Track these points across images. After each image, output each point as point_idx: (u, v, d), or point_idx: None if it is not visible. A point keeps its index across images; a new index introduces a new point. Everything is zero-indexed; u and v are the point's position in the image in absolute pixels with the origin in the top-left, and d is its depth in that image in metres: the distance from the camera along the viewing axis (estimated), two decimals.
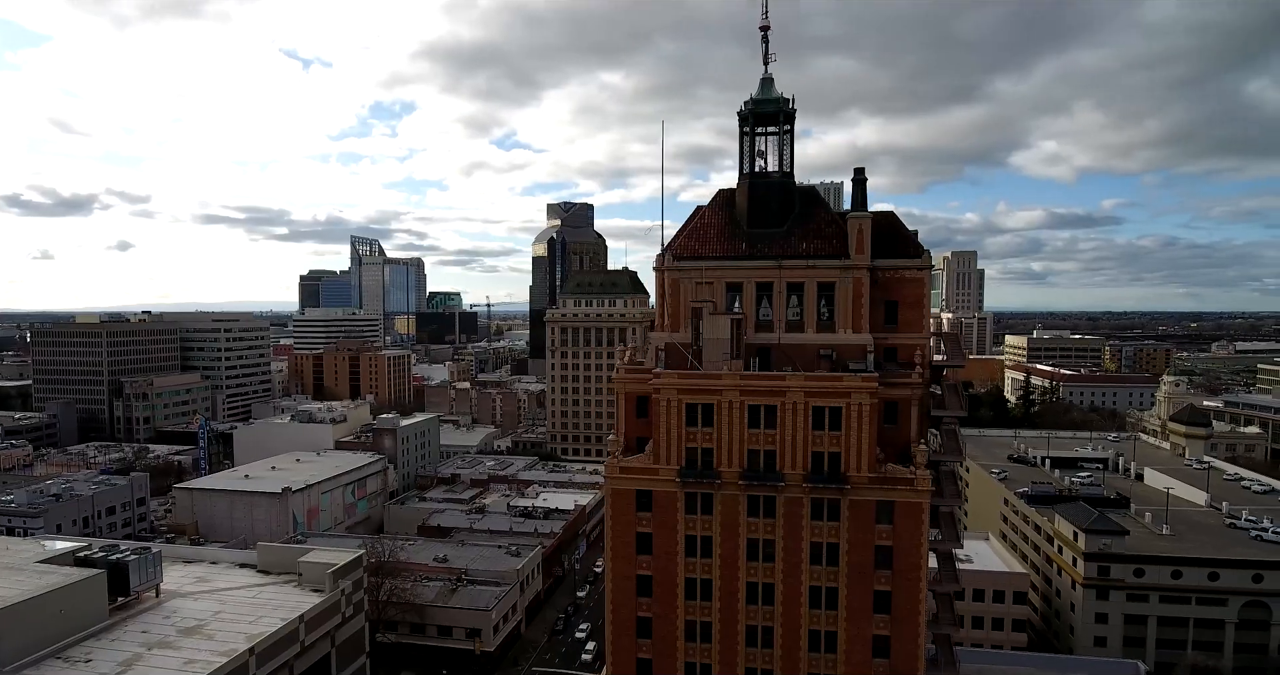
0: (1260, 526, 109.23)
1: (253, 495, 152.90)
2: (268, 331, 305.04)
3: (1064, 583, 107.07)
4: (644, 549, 61.19)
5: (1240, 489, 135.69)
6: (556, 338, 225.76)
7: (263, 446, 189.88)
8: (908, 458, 58.94)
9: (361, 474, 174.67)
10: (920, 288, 60.81)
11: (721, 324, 59.94)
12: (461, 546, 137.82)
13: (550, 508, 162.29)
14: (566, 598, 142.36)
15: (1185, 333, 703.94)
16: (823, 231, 61.57)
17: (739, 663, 60.15)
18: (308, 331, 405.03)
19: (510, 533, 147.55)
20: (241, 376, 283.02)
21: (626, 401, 64.14)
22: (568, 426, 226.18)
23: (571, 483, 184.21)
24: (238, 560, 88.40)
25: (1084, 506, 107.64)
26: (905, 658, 57.87)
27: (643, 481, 60.88)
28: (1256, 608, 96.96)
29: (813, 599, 59.01)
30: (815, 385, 57.85)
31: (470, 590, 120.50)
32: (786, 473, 58.62)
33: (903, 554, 57.55)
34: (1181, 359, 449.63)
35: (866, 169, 60.02)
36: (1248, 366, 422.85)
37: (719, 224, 63.77)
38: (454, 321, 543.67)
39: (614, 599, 61.71)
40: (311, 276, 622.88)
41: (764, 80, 64.45)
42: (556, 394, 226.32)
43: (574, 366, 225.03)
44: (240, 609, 74.43)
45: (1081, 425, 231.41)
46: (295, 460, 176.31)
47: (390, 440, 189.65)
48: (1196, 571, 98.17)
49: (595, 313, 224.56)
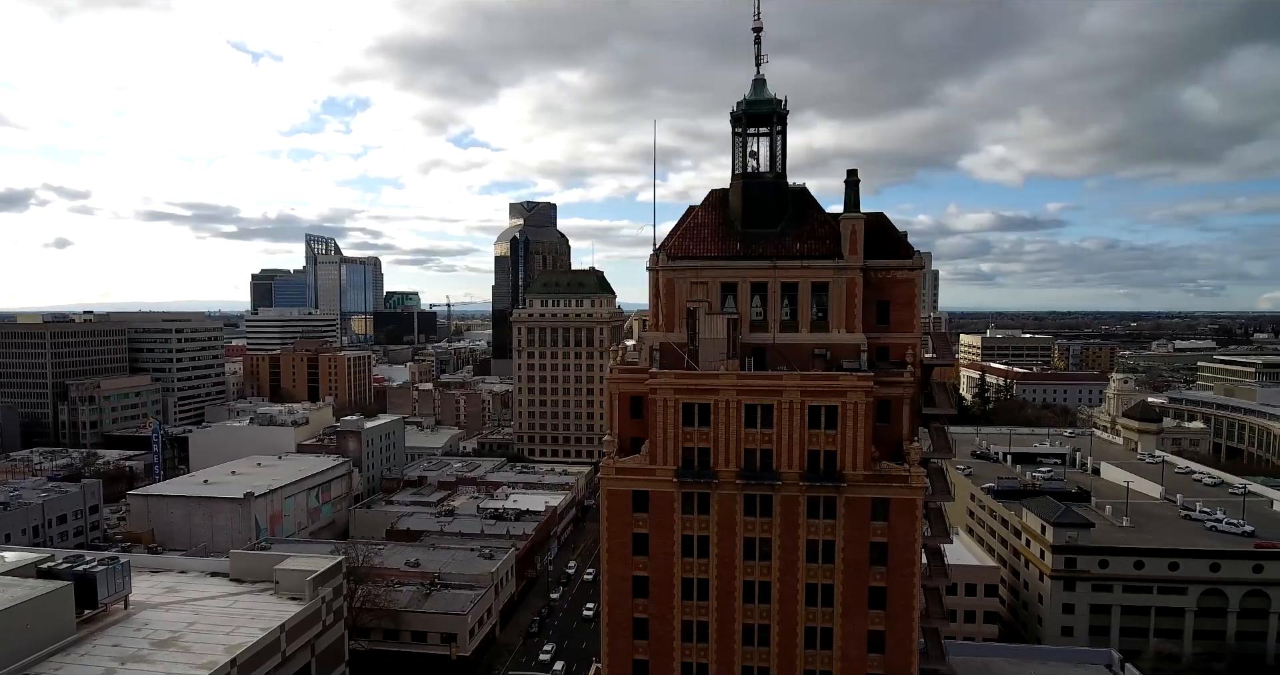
0: (1214, 518, 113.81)
1: (213, 501, 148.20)
2: (221, 332, 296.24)
3: (1031, 575, 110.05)
4: (640, 550, 60.96)
5: (1192, 482, 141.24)
6: (523, 338, 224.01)
7: (220, 451, 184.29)
8: (900, 455, 59.81)
9: (326, 478, 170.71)
10: (911, 288, 61.79)
11: (718, 324, 60.06)
12: (433, 550, 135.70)
13: (521, 509, 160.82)
14: (540, 600, 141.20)
15: (1126, 332, 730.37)
16: (816, 232, 62.12)
17: (736, 662, 60.35)
18: (261, 332, 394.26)
19: (482, 535, 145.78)
20: (194, 379, 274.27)
21: (620, 402, 63.82)
22: (535, 427, 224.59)
23: (541, 484, 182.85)
24: (208, 569, 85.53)
25: (1050, 501, 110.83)
26: (900, 652, 58.76)
27: (639, 482, 60.65)
28: (1214, 596, 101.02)
29: (809, 596, 59.52)
30: (812, 384, 58.34)
31: (445, 594, 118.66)
32: (783, 471, 59.00)
33: (897, 550, 58.41)
34: (1125, 357, 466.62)
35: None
36: (1186, 364, 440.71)
37: (713, 224, 63.88)
38: (412, 322, 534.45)
39: (610, 600, 61.34)
40: (264, 275, 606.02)
41: (756, 81, 64.74)
42: (523, 395, 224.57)
43: (541, 367, 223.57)
44: (215, 619, 71.98)
45: (1035, 422, 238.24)
46: (256, 464, 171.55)
47: (354, 443, 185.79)
48: (1158, 562, 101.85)
49: (562, 312, 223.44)
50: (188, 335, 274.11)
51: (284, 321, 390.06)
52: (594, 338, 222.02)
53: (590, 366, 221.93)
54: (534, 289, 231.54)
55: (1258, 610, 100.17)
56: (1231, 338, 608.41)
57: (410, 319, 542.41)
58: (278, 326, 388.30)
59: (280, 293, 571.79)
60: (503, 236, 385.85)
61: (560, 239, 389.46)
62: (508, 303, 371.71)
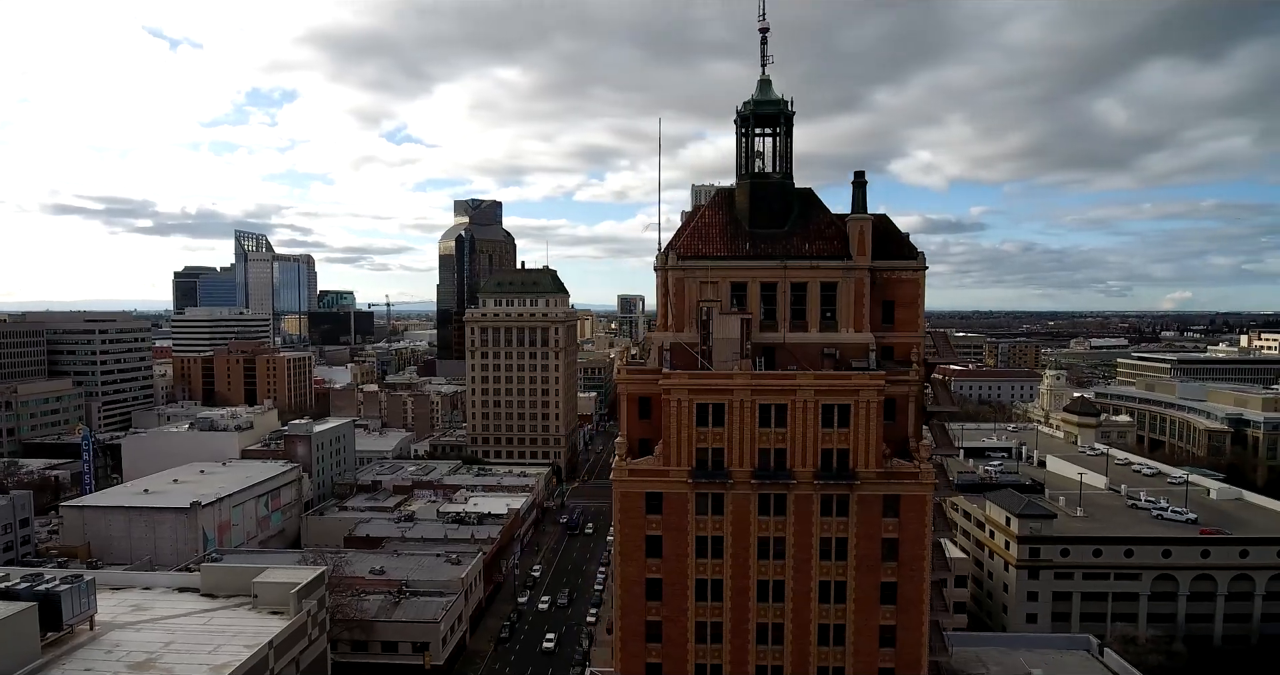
0: (1159, 506, 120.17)
1: (156, 511, 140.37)
2: (150, 333, 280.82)
3: (996, 565, 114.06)
4: (654, 552, 60.41)
5: (1131, 472, 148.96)
6: (477, 338, 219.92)
7: (156, 458, 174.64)
8: (906, 452, 60.99)
9: (275, 484, 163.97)
10: (915, 288, 63.04)
11: (731, 324, 60.01)
12: (397, 557, 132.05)
13: (483, 512, 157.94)
14: (508, 604, 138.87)
15: (1046, 331, 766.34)
16: (824, 233, 62.75)
17: (750, 661, 60.44)
18: (188, 332, 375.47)
19: (445, 540, 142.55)
20: (120, 382, 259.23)
21: (629, 403, 63.09)
22: (489, 429, 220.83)
23: (501, 486, 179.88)
24: (176, 584, 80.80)
25: (1014, 493, 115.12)
26: (911, 646, 59.91)
27: (653, 483, 60.08)
28: (1165, 580, 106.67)
29: (822, 593, 60.10)
30: (825, 383, 58.88)
31: (415, 602, 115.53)
32: (797, 470, 59.38)
33: (908, 545, 59.53)
34: (1047, 355, 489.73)
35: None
36: (1104, 361, 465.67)
37: (720, 224, 63.81)
38: (349, 321, 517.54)
39: (623, 604, 60.58)
40: (187, 273, 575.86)
41: (762, 82, 65.01)
42: (477, 396, 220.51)
43: (495, 367, 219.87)
44: (194, 638, 68.03)
45: (974, 417, 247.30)
46: (199, 472, 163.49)
47: (304, 447, 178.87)
48: (1114, 549, 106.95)
49: (516, 312, 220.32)
50: (112, 336, 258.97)
51: (213, 321, 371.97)
52: (549, 338, 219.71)
53: (545, 367, 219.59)
54: (487, 289, 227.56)
55: (1205, 594, 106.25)
56: (1142, 336, 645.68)
57: (346, 319, 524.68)
58: (207, 327, 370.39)
59: (206, 291, 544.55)
60: (447, 234, 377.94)
61: (506, 238, 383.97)
62: (453, 302, 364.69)
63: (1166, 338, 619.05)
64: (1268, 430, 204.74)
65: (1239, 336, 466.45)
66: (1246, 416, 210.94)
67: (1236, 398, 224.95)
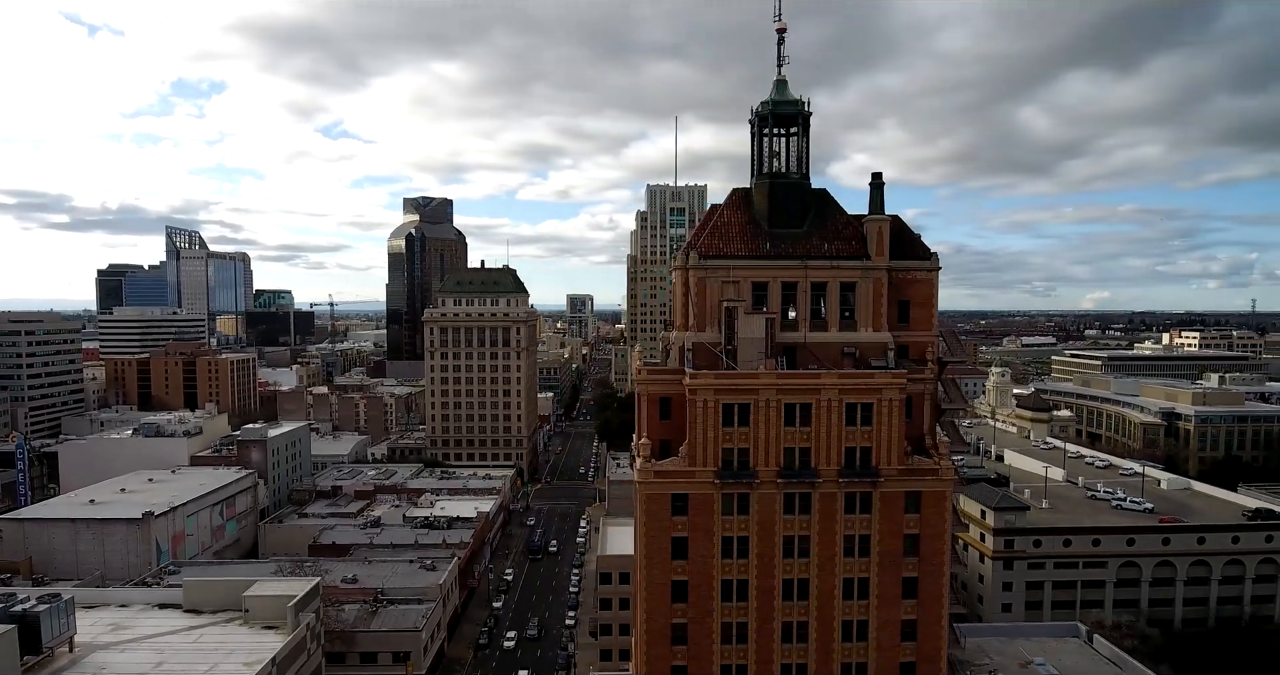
0: (1118, 497, 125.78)
1: (105, 523, 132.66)
2: (79, 334, 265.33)
3: (971, 557, 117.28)
4: (679, 553, 59.91)
5: (1085, 465, 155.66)
6: (436, 338, 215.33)
7: (97, 467, 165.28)
8: (923, 449, 62.07)
9: (230, 492, 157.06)
10: (929, 288, 64.18)
11: (756, 323, 59.98)
12: (368, 564, 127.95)
13: (452, 516, 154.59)
14: (483, 610, 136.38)
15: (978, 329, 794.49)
16: (842, 233, 63.30)
17: (775, 660, 60.54)
18: (117, 333, 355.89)
19: (416, 545, 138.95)
20: (47, 386, 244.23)
21: (649, 404, 62.46)
22: (449, 431, 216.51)
23: (466, 489, 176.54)
24: (154, 600, 76.29)
25: (988, 487, 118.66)
26: (931, 639, 61.02)
27: (679, 485, 59.58)
28: (1130, 567, 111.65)
29: (845, 590, 60.65)
30: (849, 382, 59.40)
31: (393, 611, 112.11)
32: (821, 469, 59.75)
33: (928, 541, 60.60)
34: (984, 352, 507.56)
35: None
36: (1036, 358, 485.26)
37: (740, 223, 63.72)
38: (288, 321, 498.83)
39: (648, 607, 59.88)
40: (112, 271, 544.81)
41: (779, 82, 65.16)
42: (436, 397, 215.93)
43: (455, 368, 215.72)
44: (185, 657, 64.34)
45: None
46: (147, 480, 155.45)
47: (259, 452, 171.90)
48: (1083, 539, 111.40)
49: (477, 312, 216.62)
50: (39, 337, 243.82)
51: (145, 322, 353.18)
52: (510, 338, 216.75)
53: (507, 368, 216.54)
54: (446, 288, 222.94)
55: (1166, 580, 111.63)
56: (1068, 334, 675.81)
57: (285, 319, 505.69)
58: (138, 327, 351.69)
59: (133, 290, 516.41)
60: (396, 233, 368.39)
61: (458, 237, 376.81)
62: (403, 301, 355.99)
63: (1090, 336, 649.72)
64: (1198, 423, 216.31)
65: (1159, 334, 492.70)
66: (1178, 410, 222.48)
67: (1167, 392, 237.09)
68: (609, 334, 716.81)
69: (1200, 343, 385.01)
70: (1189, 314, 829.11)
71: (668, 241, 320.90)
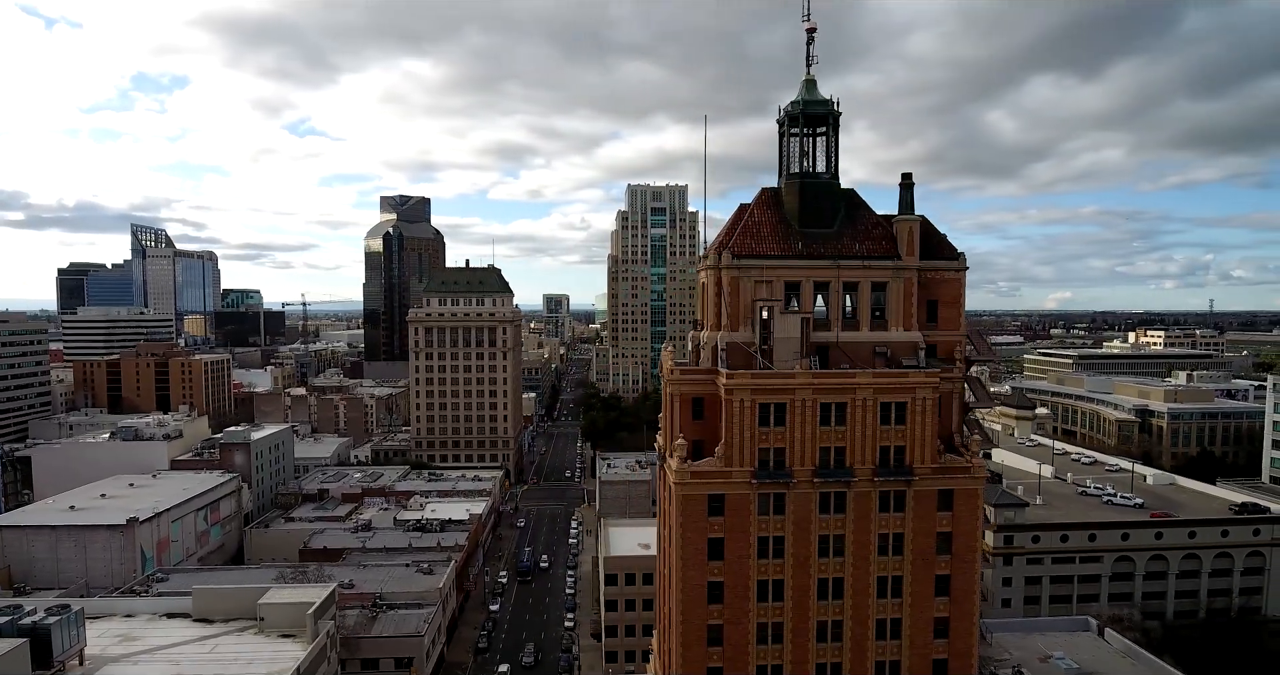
0: (1108, 493, 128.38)
1: (87, 530, 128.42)
2: (45, 334, 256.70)
3: None
4: (715, 554, 59.59)
5: (1071, 462, 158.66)
6: (421, 339, 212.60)
7: (73, 472, 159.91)
8: (952, 448, 62.56)
9: (215, 496, 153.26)
10: (957, 288, 64.71)
11: (792, 323, 59.91)
12: (363, 569, 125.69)
13: (444, 519, 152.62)
14: (479, 613, 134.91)
15: None
16: (872, 233, 63.52)
17: (810, 660, 60.54)
18: (82, 334, 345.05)
19: (410, 549, 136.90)
20: (13, 389, 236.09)
21: (681, 404, 62.09)
22: (435, 432, 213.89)
23: (456, 491, 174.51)
24: (161, 610, 73.82)
25: (986, 484, 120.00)
26: (963, 635, 61.51)
27: (715, 485, 59.27)
28: (1124, 562, 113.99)
29: (880, 588, 60.86)
30: (884, 382, 59.63)
31: (393, 616, 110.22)
32: (856, 468, 59.90)
33: (961, 538, 61.12)
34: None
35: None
36: (1006, 356, 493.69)
37: (771, 223, 63.58)
38: (258, 322, 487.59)
39: (684, 609, 59.48)
40: (74, 270, 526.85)
41: (808, 82, 65.17)
42: (421, 398, 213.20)
43: (441, 369, 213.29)
44: (202, 669, 62.48)
45: None
46: (128, 485, 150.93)
47: (243, 456, 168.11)
48: (1079, 534, 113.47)
49: (463, 312, 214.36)
50: (4, 338, 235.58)
51: (111, 322, 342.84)
52: (497, 338, 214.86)
53: (494, 368, 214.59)
54: (431, 287, 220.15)
55: (1159, 573, 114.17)
56: (1035, 333, 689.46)
57: (254, 319, 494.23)
58: (103, 328, 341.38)
59: (96, 290, 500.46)
60: (373, 232, 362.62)
61: (436, 236, 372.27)
62: (381, 301, 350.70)
63: (1056, 335, 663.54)
64: (1170, 420, 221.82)
65: (1122, 334, 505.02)
66: (1151, 407, 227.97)
67: (1140, 390, 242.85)
68: (584, 334, 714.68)
69: (1165, 341, 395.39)
70: (1148, 313, 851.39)
71: (649, 241, 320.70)
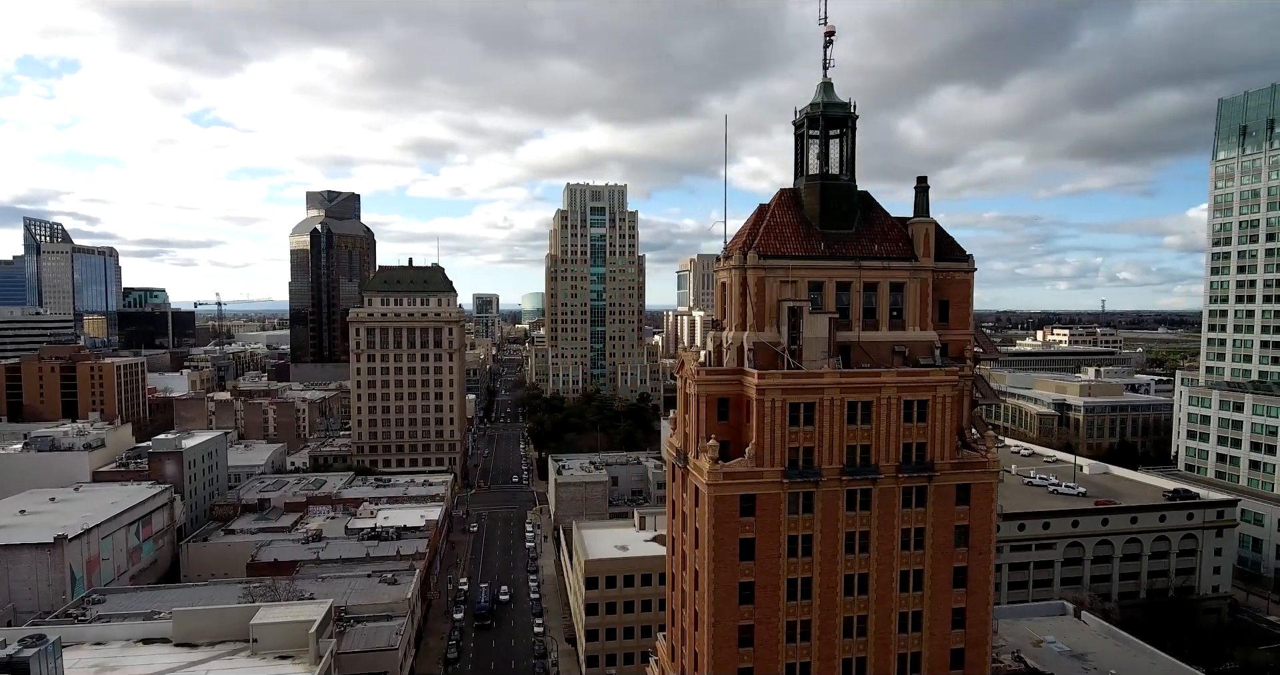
0: (1053, 483, 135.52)
1: (10, 549, 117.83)
2: None
3: None
4: (746, 555, 59.49)
5: (1011, 454, 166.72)
6: (363, 339, 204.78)
7: None
8: (965, 443, 64.50)
9: (146, 509, 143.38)
10: (967, 288, 66.77)
11: (820, 323, 60.46)
12: (321, 581, 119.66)
13: (399, 526, 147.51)
14: (444, 622, 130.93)
15: None
16: (889, 234, 64.81)
17: (837, 655, 61.23)
18: None
19: (369, 559, 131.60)
20: None
21: (707, 405, 61.75)
22: (378, 436, 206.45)
23: (408, 497, 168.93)
24: (137, 635, 68.15)
25: None
26: (978, 624, 63.53)
27: (748, 486, 59.15)
28: (1074, 547, 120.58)
29: (902, 582, 62.14)
30: (907, 380, 60.92)
31: (361, 629, 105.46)
32: (881, 465, 60.97)
33: (977, 531, 63.08)
34: None
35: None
36: None
37: (792, 224, 63.99)
38: (164, 322, 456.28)
39: (715, 610, 59.11)
40: None
41: (824, 84, 65.90)
42: (364, 401, 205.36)
43: (384, 371, 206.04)
44: None
45: None
46: (49, 500, 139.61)
47: (174, 465, 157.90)
48: (1035, 523, 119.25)
49: (407, 312, 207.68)
50: None
51: (4, 323, 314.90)
52: (442, 339, 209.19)
53: (439, 369, 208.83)
54: (374, 286, 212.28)
55: (1105, 557, 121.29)
56: None
57: (160, 319, 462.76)
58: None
59: None
60: (300, 228, 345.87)
61: (366, 233, 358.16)
62: (308, 300, 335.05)
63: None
64: (1086, 412, 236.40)
65: (1030, 332, 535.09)
66: (1069, 401, 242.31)
67: (1058, 385, 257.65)
68: (513, 334, 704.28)
69: (1070, 340, 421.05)
70: (1046, 313, 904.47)
71: (588, 240, 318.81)
